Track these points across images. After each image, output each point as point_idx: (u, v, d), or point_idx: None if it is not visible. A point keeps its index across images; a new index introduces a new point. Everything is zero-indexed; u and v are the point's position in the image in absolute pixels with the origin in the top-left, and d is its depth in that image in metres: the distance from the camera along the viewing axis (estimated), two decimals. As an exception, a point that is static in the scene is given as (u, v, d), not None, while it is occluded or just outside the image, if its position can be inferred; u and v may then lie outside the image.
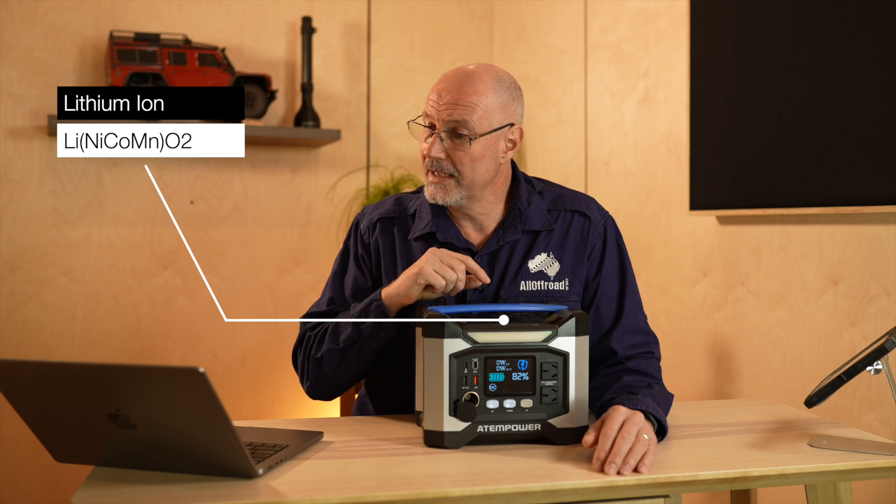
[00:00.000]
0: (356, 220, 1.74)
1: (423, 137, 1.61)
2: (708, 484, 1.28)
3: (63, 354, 2.92)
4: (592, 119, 2.97)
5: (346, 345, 1.56)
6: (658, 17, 2.69)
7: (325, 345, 1.59)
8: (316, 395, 1.66)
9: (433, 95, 1.58)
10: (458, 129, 1.55)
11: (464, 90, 1.56)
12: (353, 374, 1.62)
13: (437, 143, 1.56)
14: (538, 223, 1.63)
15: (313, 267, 3.21)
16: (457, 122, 1.55)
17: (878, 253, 2.06)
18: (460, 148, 1.56)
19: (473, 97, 1.55)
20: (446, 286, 1.49)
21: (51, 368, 1.20)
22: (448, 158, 1.57)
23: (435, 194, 1.59)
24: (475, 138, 1.55)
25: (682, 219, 2.62)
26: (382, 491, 1.17)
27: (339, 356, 1.58)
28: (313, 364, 1.62)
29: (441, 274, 1.48)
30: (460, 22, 3.42)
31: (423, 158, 1.60)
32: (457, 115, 1.54)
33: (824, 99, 2.12)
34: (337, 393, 1.67)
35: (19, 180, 2.90)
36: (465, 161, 1.56)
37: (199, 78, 2.90)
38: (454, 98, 1.55)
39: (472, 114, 1.55)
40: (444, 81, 1.58)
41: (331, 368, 1.59)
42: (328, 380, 1.62)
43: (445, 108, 1.55)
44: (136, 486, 1.19)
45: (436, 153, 1.56)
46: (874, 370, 1.36)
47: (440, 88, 1.57)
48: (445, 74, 1.60)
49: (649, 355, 1.64)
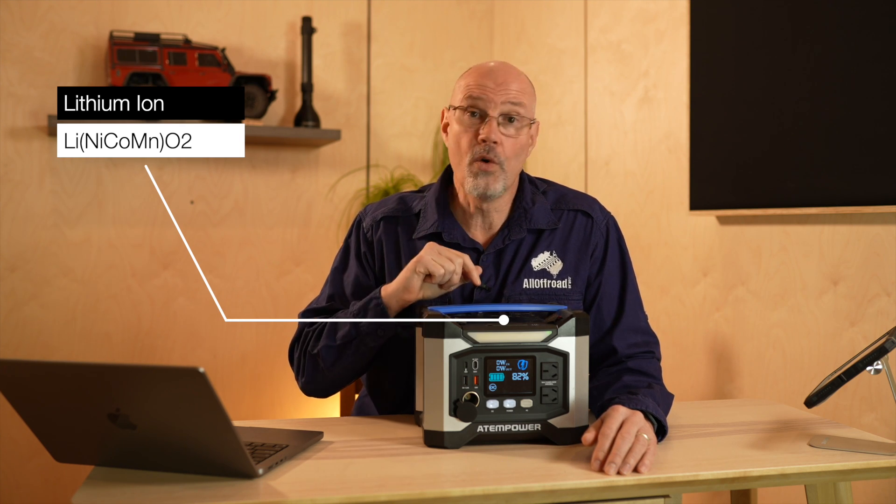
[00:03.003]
0: (358, 218, 1.73)
1: (464, 127, 1.57)
2: (708, 484, 1.28)
3: (63, 354, 2.92)
4: (592, 119, 2.97)
5: (343, 342, 1.55)
6: (658, 17, 2.69)
7: (322, 341, 1.58)
8: (311, 392, 1.65)
9: (486, 80, 1.54)
10: (514, 114, 1.55)
11: (515, 76, 1.57)
12: (349, 372, 1.61)
13: (494, 126, 1.54)
14: (543, 222, 1.64)
15: (313, 267, 3.21)
16: (514, 106, 1.54)
17: (878, 253, 2.06)
18: (511, 134, 1.55)
19: (523, 83, 1.57)
20: (444, 275, 1.48)
21: (51, 368, 1.20)
22: (500, 145, 1.55)
23: (484, 184, 1.55)
24: (525, 125, 1.56)
25: (682, 219, 2.62)
26: (382, 491, 1.17)
27: (336, 353, 1.57)
28: (309, 360, 1.61)
29: (439, 263, 1.47)
30: (460, 22, 3.42)
31: (467, 149, 1.56)
32: (513, 97, 1.54)
33: (824, 99, 2.12)
34: (332, 391, 1.66)
35: (19, 180, 2.90)
36: (513, 148, 1.56)
37: (199, 78, 2.90)
38: (509, 83, 1.54)
39: (526, 97, 1.56)
40: (487, 69, 1.57)
41: (326, 365, 1.58)
42: (323, 377, 1.61)
43: (503, 92, 1.54)
44: (136, 486, 1.19)
45: (495, 136, 1.53)
46: (874, 370, 1.36)
47: (489, 74, 1.55)
48: (481, 66, 1.58)
49: (650, 355, 1.64)
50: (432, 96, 3.38)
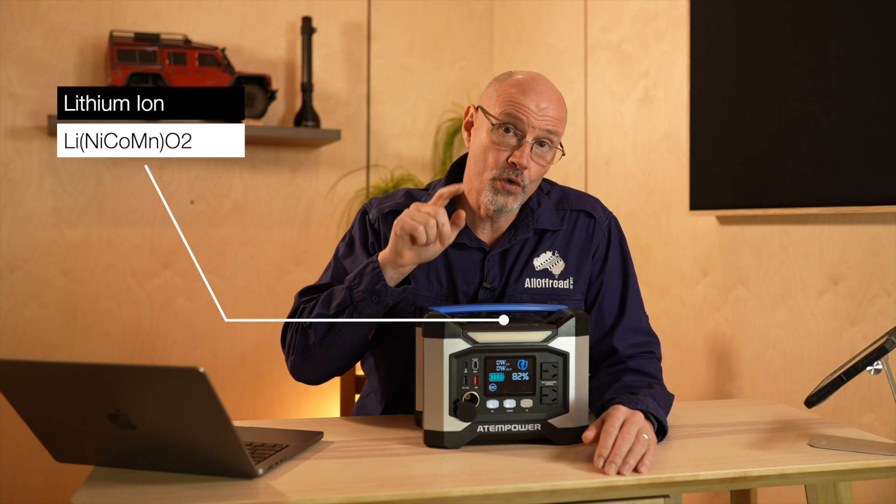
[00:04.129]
0: (364, 209, 1.70)
1: (495, 142, 1.55)
2: (708, 484, 1.28)
3: (63, 354, 2.92)
4: (592, 119, 2.97)
5: (337, 311, 1.51)
6: (658, 17, 2.69)
7: (316, 311, 1.53)
8: (300, 374, 1.60)
9: (529, 100, 1.54)
10: (547, 140, 1.55)
11: (560, 103, 1.57)
12: (342, 353, 1.56)
13: (527, 151, 1.54)
14: (548, 222, 1.64)
15: (313, 267, 3.21)
16: (552, 134, 1.55)
17: (878, 253, 2.06)
18: (540, 159, 1.56)
19: (562, 111, 1.57)
20: (427, 231, 1.45)
21: (51, 368, 1.20)
22: (528, 169, 1.55)
23: (503, 202, 1.56)
24: (554, 149, 1.57)
25: (682, 219, 2.62)
26: (382, 491, 1.17)
27: (328, 325, 1.51)
28: (300, 335, 1.55)
29: (416, 220, 1.45)
30: (460, 22, 3.42)
31: (493, 165, 1.55)
32: (552, 125, 1.54)
33: (824, 99, 2.12)
34: (321, 375, 1.61)
35: (19, 180, 2.90)
36: (538, 172, 1.57)
37: (199, 78, 2.90)
38: (553, 110, 1.55)
39: (562, 126, 1.57)
40: (530, 86, 1.55)
41: (318, 337, 1.52)
42: (314, 355, 1.54)
43: (544, 119, 1.54)
44: (136, 486, 1.19)
45: (527, 161, 1.54)
46: (874, 370, 1.36)
47: (532, 92, 1.54)
48: (527, 81, 1.56)
49: (650, 355, 1.64)
50: (432, 96, 3.38)
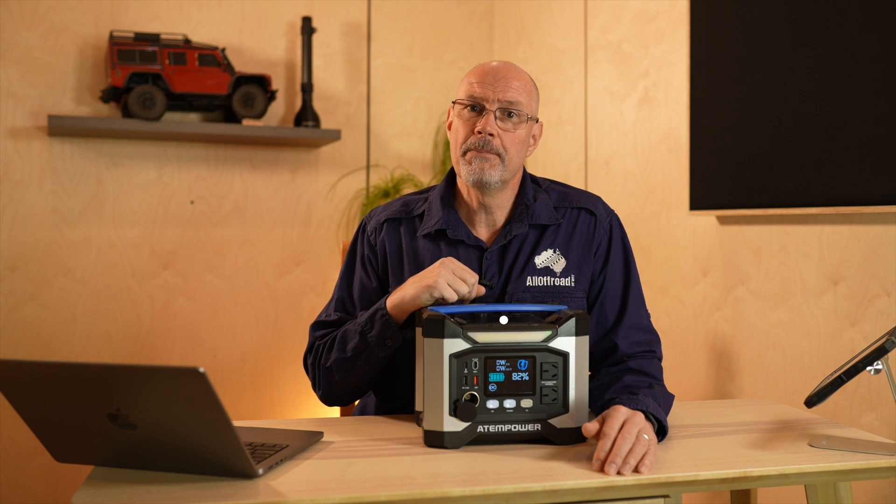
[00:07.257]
0: (363, 223, 1.76)
1: (463, 120, 1.61)
2: (708, 484, 1.28)
3: (63, 354, 2.92)
4: (592, 119, 2.97)
5: (353, 354, 1.57)
6: (658, 17, 2.69)
7: (334, 354, 1.60)
8: (330, 402, 1.68)
9: (487, 78, 1.59)
10: (512, 109, 1.58)
11: (516, 74, 1.61)
12: (364, 380, 1.63)
13: (491, 119, 1.58)
14: (544, 217, 1.64)
15: (313, 267, 3.21)
16: (511, 102, 1.58)
17: (878, 253, 2.06)
18: (509, 129, 1.59)
19: (524, 82, 1.61)
20: (456, 299, 1.50)
21: (51, 368, 1.20)
22: (497, 137, 1.58)
23: (479, 171, 1.58)
24: (524, 121, 1.60)
25: (682, 219, 2.62)
26: (382, 491, 1.17)
27: (348, 365, 1.59)
28: (323, 373, 1.64)
29: (454, 288, 1.49)
30: (460, 22, 3.42)
31: (463, 140, 1.60)
32: (511, 95, 1.58)
33: (824, 99, 2.12)
34: (351, 398, 1.69)
35: (19, 180, 2.90)
36: (512, 141, 1.59)
37: (199, 78, 2.90)
38: (513, 81, 1.59)
39: (524, 96, 1.60)
40: (489, 68, 1.61)
41: (341, 377, 1.61)
42: (340, 387, 1.64)
43: (502, 88, 1.58)
44: (136, 486, 1.19)
45: (490, 128, 1.57)
46: (874, 370, 1.36)
47: (490, 72, 1.60)
48: (484, 65, 1.63)
49: (651, 354, 1.64)
50: (432, 96, 3.38)
